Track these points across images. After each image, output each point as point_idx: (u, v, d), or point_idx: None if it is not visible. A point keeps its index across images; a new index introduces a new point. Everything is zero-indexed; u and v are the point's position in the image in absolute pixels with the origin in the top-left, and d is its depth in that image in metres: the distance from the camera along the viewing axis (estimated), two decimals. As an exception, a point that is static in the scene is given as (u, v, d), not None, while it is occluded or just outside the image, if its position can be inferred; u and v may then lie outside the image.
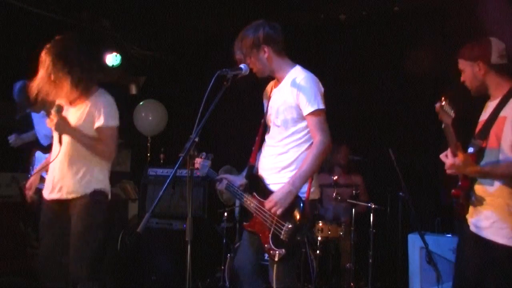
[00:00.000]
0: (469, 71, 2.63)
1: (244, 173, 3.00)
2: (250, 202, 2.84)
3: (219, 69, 2.45)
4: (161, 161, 5.75)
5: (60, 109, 2.90)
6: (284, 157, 2.78)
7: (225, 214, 4.90)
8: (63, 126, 2.90)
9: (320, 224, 4.60)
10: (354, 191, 4.85)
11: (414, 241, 4.07)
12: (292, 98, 2.74)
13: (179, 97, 6.35)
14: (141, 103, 6.25)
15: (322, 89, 2.80)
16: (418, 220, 3.70)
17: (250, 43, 2.81)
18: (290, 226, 2.61)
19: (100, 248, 2.98)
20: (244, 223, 2.92)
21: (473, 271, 2.57)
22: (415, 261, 4.02)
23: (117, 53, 5.95)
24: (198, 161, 3.04)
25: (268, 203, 2.66)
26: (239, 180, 2.96)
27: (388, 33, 5.19)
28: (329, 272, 4.62)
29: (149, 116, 6.17)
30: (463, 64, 2.66)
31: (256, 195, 2.83)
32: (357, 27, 5.29)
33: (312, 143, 2.74)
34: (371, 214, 4.56)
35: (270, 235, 2.69)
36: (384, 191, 4.83)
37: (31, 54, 5.35)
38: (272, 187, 2.77)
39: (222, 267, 4.68)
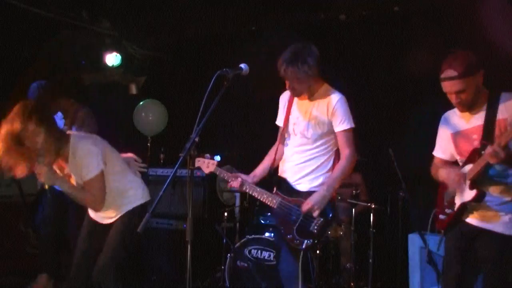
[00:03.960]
0: (472, 86, 2.60)
1: (255, 172, 3.32)
2: (273, 198, 3.15)
3: (219, 69, 2.45)
4: (161, 161, 5.75)
5: (44, 159, 2.86)
6: (307, 164, 3.12)
7: (225, 214, 4.90)
8: (53, 177, 2.89)
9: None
10: (354, 191, 4.85)
11: (414, 241, 4.07)
12: (326, 115, 3.08)
13: (179, 97, 6.35)
14: (141, 103, 6.25)
15: None
16: (418, 220, 3.70)
17: (312, 70, 3.01)
18: (321, 219, 2.96)
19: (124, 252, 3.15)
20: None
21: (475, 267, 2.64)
22: (415, 261, 4.02)
23: (117, 53, 5.96)
24: (210, 162, 3.33)
25: (306, 206, 2.98)
26: (251, 178, 3.28)
27: (388, 33, 5.18)
28: (329, 272, 4.62)
29: (149, 116, 6.17)
30: (466, 83, 2.58)
31: (279, 193, 3.17)
32: (357, 27, 5.28)
33: (330, 155, 3.15)
34: (371, 214, 4.56)
35: (295, 227, 3.02)
36: (384, 191, 4.83)
37: (31, 54, 5.39)
38: (297, 187, 3.12)
39: (222, 267, 4.68)
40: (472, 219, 2.67)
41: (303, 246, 2.97)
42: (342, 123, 3.08)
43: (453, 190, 2.72)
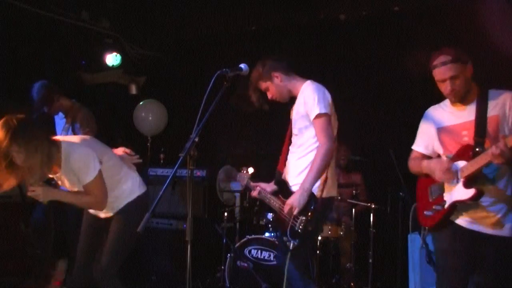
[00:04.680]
0: (464, 75, 2.60)
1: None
2: (275, 202, 3.24)
3: (219, 69, 2.45)
4: (161, 161, 5.75)
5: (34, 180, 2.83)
6: (302, 161, 3.11)
7: (225, 214, 4.90)
8: (50, 193, 2.90)
9: (320, 224, 4.60)
10: (354, 191, 4.85)
11: (414, 241, 4.07)
12: (303, 107, 3.09)
13: (179, 97, 6.35)
14: (141, 103, 6.25)
15: (328, 97, 3.09)
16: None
17: (261, 77, 3.22)
18: (303, 218, 2.95)
19: (128, 248, 3.14)
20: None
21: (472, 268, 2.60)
22: (415, 261, 4.02)
23: (117, 53, 5.96)
24: (246, 175, 3.53)
25: (286, 207, 3.01)
26: (270, 187, 3.36)
27: (388, 33, 5.18)
28: (329, 272, 4.62)
29: (149, 116, 6.17)
30: (458, 69, 2.59)
31: (280, 197, 3.22)
32: (357, 27, 5.28)
33: None
34: (371, 214, 4.56)
35: (288, 229, 3.04)
36: (384, 191, 4.83)
37: (31, 54, 5.39)
38: (293, 188, 3.12)
39: (222, 267, 4.68)
40: (462, 220, 2.62)
41: (290, 247, 2.99)
42: (312, 111, 3.00)
43: (443, 179, 2.63)
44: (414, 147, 2.97)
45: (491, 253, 2.56)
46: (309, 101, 3.02)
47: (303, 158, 3.10)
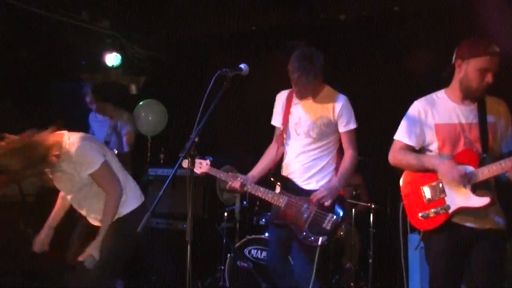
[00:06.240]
0: None
1: (252, 173, 3.34)
2: (278, 198, 3.16)
3: (219, 69, 2.45)
4: (161, 161, 5.75)
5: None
6: (314, 163, 3.18)
7: (225, 214, 4.90)
8: (98, 245, 2.90)
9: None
10: (354, 191, 4.85)
11: (414, 241, 4.06)
12: (331, 115, 3.16)
13: (179, 97, 6.35)
14: (141, 103, 6.25)
15: None
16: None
17: (317, 74, 3.09)
18: (334, 216, 3.03)
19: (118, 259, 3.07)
20: (272, 219, 3.33)
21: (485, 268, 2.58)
22: (415, 261, 4.02)
23: (117, 53, 5.96)
24: (203, 163, 3.40)
25: (319, 193, 3.04)
26: (249, 179, 3.29)
27: (388, 33, 5.18)
28: (329, 272, 4.62)
29: (149, 116, 6.16)
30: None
31: (285, 192, 3.18)
32: (357, 27, 5.28)
33: (334, 154, 3.25)
34: (371, 214, 4.56)
35: (306, 225, 3.05)
36: (384, 191, 4.83)
37: (31, 54, 5.39)
38: (306, 186, 3.16)
39: (222, 267, 4.68)
40: (459, 219, 2.60)
41: (319, 243, 3.00)
42: (348, 124, 3.19)
43: (456, 183, 2.53)
44: (401, 138, 2.83)
45: (484, 248, 2.56)
46: (345, 113, 3.17)
47: (315, 161, 3.18)
